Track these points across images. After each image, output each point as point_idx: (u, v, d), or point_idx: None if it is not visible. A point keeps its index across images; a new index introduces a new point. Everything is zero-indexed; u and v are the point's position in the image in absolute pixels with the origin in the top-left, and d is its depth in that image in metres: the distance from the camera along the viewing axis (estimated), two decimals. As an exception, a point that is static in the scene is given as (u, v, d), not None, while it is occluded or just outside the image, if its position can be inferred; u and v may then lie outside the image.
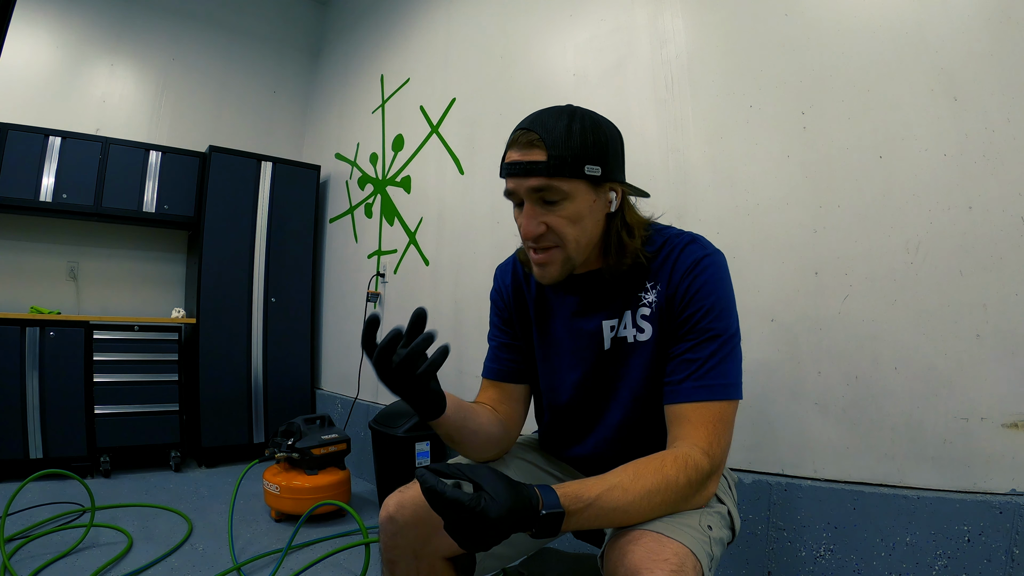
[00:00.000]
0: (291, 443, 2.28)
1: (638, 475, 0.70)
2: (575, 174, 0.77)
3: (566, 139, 0.77)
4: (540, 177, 0.77)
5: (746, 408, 1.44)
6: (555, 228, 0.80)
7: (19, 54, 2.97)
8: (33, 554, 1.76)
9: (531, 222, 0.80)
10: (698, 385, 0.78)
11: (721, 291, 0.82)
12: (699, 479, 0.72)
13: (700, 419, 0.76)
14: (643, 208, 0.93)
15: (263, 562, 1.83)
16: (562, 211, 0.79)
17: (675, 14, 1.71)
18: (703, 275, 0.82)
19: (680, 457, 0.72)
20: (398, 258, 2.90)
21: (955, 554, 1.12)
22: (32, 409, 2.59)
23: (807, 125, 1.41)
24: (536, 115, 0.81)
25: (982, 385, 1.13)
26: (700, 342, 0.79)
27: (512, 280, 1.02)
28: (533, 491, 0.64)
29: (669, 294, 0.83)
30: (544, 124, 0.78)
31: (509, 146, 0.82)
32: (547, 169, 0.76)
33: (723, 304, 0.81)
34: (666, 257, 0.85)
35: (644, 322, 0.86)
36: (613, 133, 0.83)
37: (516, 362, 1.01)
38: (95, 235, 3.20)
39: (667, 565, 0.63)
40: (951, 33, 1.20)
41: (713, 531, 0.74)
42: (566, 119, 0.78)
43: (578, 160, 0.77)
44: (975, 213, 1.16)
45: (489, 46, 2.44)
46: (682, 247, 0.85)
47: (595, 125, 0.80)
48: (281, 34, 3.95)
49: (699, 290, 0.81)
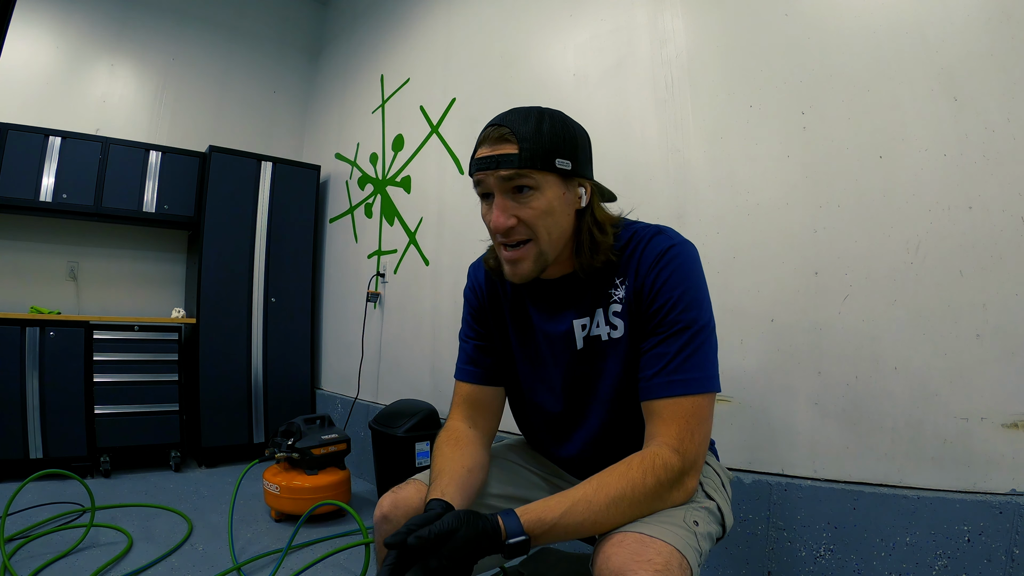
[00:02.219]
0: (291, 443, 2.28)
1: (602, 485, 0.71)
2: (546, 166, 0.78)
3: (536, 133, 0.78)
4: (511, 168, 0.78)
5: (746, 408, 1.44)
6: (526, 220, 0.80)
7: (19, 54, 2.97)
8: (33, 554, 1.76)
9: (502, 215, 0.80)
10: (669, 380, 0.76)
11: (689, 281, 0.80)
12: (669, 478, 0.72)
13: (671, 415, 0.75)
14: (614, 207, 0.93)
15: (263, 562, 1.83)
16: (533, 202, 0.79)
17: (675, 14, 1.71)
18: (669, 266, 0.81)
19: (647, 458, 0.72)
20: (398, 258, 2.90)
21: (955, 554, 1.12)
22: (32, 409, 2.59)
23: (807, 125, 1.41)
24: (505, 114, 0.83)
25: (982, 385, 1.13)
26: (670, 335, 0.78)
27: (486, 278, 1.01)
28: (496, 522, 0.67)
29: (636, 287, 0.83)
30: (514, 121, 0.80)
31: (480, 143, 0.82)
32: (519, 160, 0.77)
33: (692, 295, 0.79)
34: (633, 250, 0.84)
35: (616, 319, 0.85)
36: (581, 132, 0.85)
37: (491, 364, 0.99)
38: (95, 235, 3.20)
39: (650, 566, 0.63)
40: (951, 33, 1.20)
41: (699, 526, 0.74)
42: (535, 116, 0.80)
43: (549, 153, 0.78)
44: (975, 213, 1.16)
45: (489, 46, 2.44)
46: (648, 239, 0.84)
47: (564, 122, 0.82)
48: (281, 34, 3.96)
49: (666, 282, 0.80)
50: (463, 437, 0.92)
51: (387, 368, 2.92)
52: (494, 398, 1.00)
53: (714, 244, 1.54)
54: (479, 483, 0.88)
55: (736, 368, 1.46)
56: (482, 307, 1.01)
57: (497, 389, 1.00)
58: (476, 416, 0.97)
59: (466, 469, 0.85)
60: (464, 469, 0.85)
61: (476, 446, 0.92)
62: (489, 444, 0.98)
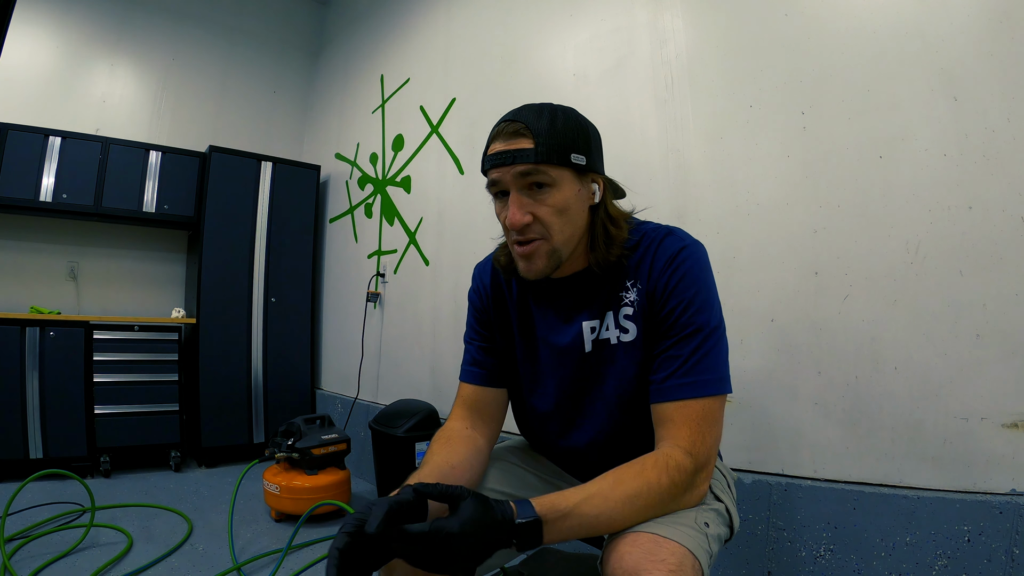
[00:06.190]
0: (291, 443, 2.28)
1: (619, 481, 0.70)
2: (562, 161, 0.78)
3: (551, 128, 0.78)
4: (528, 163, 0.77)
5: (746, 408, 1.44)
6: (541, 218, 0.79)
7: (19, 54, 2.97)
8: (33, 554, 1.76)
9: (518, 211, 0.78)
10: (681, 383, 0.76)
11: (700, 283, 0.80)
12: (683, 479, 0.72)
13: (683, 418, 0.75)
14: (623, 204, 0.94)
15: (263, 562, 1.83)
16: (549, 199, 0.79)
17: (675, 14, 1.71)
18: (681, 268, 0.80)
19: (661, 459, 0.72)
20: (398, 258, 2.90)
21: (955, 554, 1.12)
22: (32, 409, 2.59)
23: (807, 125, 1.41)
24: (518, 110, 0.82)
25: (982, 385, 1.13)
26: (682, 338, 0.78)
27: (492, 280, 1.00)
28: (507, 505, 0.65)
29: (649, 290, 0.82)
30: (528, 116, 0.79)
31: (493, 139, 0.81)
32: (535, 155, 0.76)
33: (703, 296, 0.79)
34: (644, 252, 0.84)
35: (628, 322, 0.85)
36: (593, 127, 0.85)
37: (495, 365, 0.98)
38: (95, 235, 3.20)
39: (664, 566, 0.63)
40: (951, 33, 1.20)
41: (710, 528, 0.74)
42: (549, 111, 0.80)
43: (565, 148, 0.78)
44: (975, 213, 1.16)
45: (489, 46, 2.44)
46: (659, 241, 0.84)
47: (577, 118, 0.82)
48: (281, 34, 3.96)
49: (678, 284, 0.80)
50: (455, 436, 0.91)
51: (387, 368, 2.92)
52: (496, 399, 0.98)
53: (714, 244, 1.53)
54: (465, 481, 0.83)
55: (736, 368, 1.44)
56: (485, 309, 1.00)
57: (500, 391, 0.98)
58: (475, 418, 0.96)
59: (449, 465, 0.82)
60: (448, 464, 0.82)
61: (467, 445, 0.89)
62: (488, 446, 0.95)
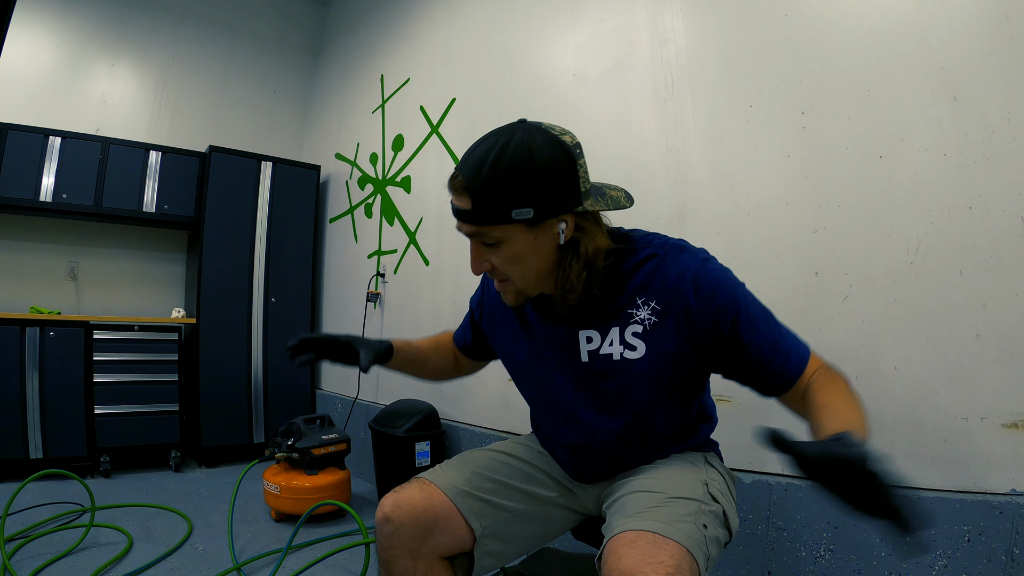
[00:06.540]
0: (291, 443, 2.28)
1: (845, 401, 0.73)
2: (503, 220, 0.75)
3: (489, 184, 0.73)
4: (471, 225, 0.78)
5: (746, 408, 1.44)
6: (498, 267, 0.82)
7: (19, 54, 2.97)
8: (33, 554, 1.76)
9: (475, 261, 0.84)
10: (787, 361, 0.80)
11: (732, 287, 0.80)
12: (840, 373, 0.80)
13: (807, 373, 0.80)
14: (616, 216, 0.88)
15: (263, 562, 1.83)
16: (500, 252, 0.80)
17: (675, 14, 1.71)
18: (713, 284, 0.79)
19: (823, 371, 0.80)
20: (398, 258, 2.90)
21: (955, 554, 1.12)
22: (32, 409, 2.59)
23: (807, 125, 1.41)
24: (472, 149, 0.78)
25: (982, 385, 1.13)
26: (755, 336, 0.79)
27: None
28: None
29: (686, 314, 0.80)
30: (471, 166, 0.75)
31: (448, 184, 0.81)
32: (474, 218, 0.77)
33: (741, 295, 0.80)
34: (655, 270, 0.82)
35: (636, 340, 0.83)
36: (556, 161, 0.75)
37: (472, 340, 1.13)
38: (95, 235, 3.20)
39: (663, 568, 0.63)
40: (951, 33, 1.20)
41: (709, 530, 0.74)
42: (491, 162, 0.73)
43: (504, 206, 0.74)
44: (975, 213, 1.16)
45: (489, 46, 2.44)
46: (672, 257, 0.82)
47: (529, 160, 0.73)
48: (281, 34, 3.95)
49: (724, 302, 0.78)
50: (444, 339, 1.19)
51: (387, 368, 2.91)
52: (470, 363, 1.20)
53: (714, 244, 1.52)
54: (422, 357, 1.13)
55: (736, 368, 1.46)
56: (482, 318, 1.07)
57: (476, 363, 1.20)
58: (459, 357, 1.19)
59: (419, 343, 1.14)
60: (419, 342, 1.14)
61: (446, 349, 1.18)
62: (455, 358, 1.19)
